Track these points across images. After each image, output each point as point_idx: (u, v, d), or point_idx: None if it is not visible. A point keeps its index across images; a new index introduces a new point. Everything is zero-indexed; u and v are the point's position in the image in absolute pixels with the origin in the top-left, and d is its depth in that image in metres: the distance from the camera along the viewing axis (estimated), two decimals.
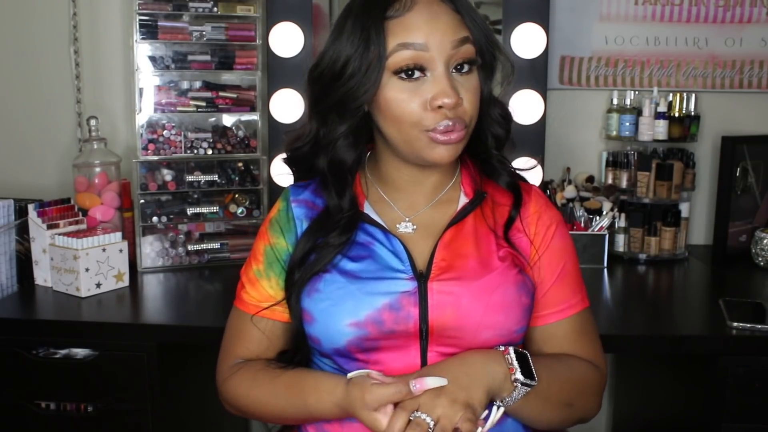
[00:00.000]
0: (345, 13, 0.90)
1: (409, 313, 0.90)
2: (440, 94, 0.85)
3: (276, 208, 1.01)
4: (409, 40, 0.85)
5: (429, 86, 0.86)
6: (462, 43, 0.87)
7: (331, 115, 0.91)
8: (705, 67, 1.87)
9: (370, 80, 0.86)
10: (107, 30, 1.84)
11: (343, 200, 0.94)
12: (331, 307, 0.91)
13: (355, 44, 0.86)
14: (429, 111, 0.86)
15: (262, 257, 0.99)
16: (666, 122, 1.75)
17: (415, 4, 0.86)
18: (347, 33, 0.87)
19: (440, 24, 0.86)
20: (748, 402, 1.26)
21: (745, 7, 1.84)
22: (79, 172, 1.63)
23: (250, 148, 1.73)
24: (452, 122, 0.86)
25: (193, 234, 1.72)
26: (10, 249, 1.52)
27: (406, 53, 0.85)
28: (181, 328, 1.32)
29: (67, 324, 1.34)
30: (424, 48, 0.85)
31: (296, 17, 1.67)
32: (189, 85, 1.69)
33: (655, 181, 1.75)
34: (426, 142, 0.88)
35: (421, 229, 0.97)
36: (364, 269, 0.92)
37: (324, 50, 0.91)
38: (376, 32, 0.85)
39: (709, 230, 1.87)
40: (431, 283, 0.91)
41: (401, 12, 0.86)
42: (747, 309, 1.35)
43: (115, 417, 1.33)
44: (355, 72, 0.86)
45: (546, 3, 1.69)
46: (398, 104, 0.87)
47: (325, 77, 0.89)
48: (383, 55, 0.85)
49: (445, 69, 0.86)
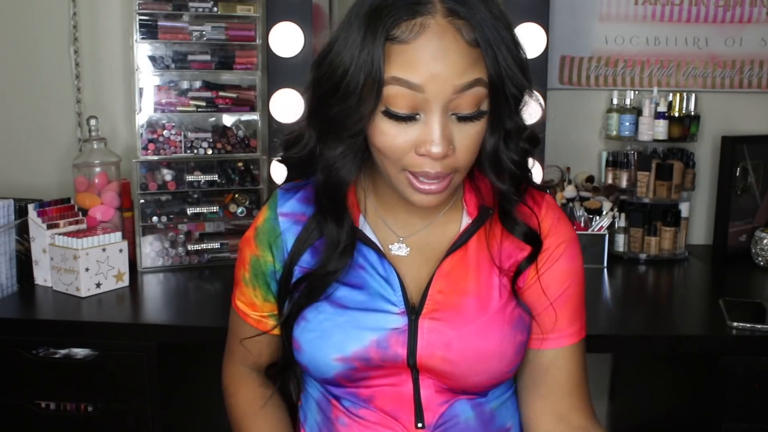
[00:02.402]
0: (355, 9, 0.78)
1: (397, 352, 0.85)
2: (427, 142, 0.75)
3: (262, 217, 0.95)
4: (405, 77, 0.73)
5: (419, 128, 0.76)
6: (469, 86, 0.74)
7: (330, 132, 0.82)
8: (705, 67, 1.87)
9: (365, 108, 0.76)
10: (107, 30, 1.84)
11: (342, 231, 0.86)
12: (318, 339, 0.86)
13: (355, 57, 0.75)
14: (413, 153, 0.77)
15: (248, 266, 0.94)
16: (666, 122, 1.75)
17: (424, 31, 0.73)
18: (351, 37, 0.76)
19: (446, 63, 0.73)
20: (748, 402, 1.26)
21: (745, 7, 1.84)
22: (79, 172, 1.63)
23: (250, 148, 1.73)
24: (434, 172, 0.77)
25: (193, 234, 1.72)
26: (10, 249, 1.52)
27: (400, 92, 0.74)
28: (181, 328, 1.32)
29: (67, 324, 1.34)
30: (420, 89, 0.73)
31: (296, 17, 1.67)
32: (189, 84, 1.69)
33: (655, 181, 1.75)
34: (406, 184, 0.80)
35: (415, 251, 0.90)
36: (354, 298, 0.87)
37: (329, 44, 0.80)
38: (376, 53, 0.73)
39: (709, 230, 1.88)
40: (423, 320, 0.85)
41: (407, 37, 0.73)
42: (747, 309, 1.35)
43: (115, 417, 1.33)
44: (352, 92, 0.76)
45: (546, 3, 1.69)
46: (383, 138, 0.77)
47: (325, 84, 0.79)
48: (380, 80, 0.74)
49: (441, 114, 0.75)
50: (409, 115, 0.75)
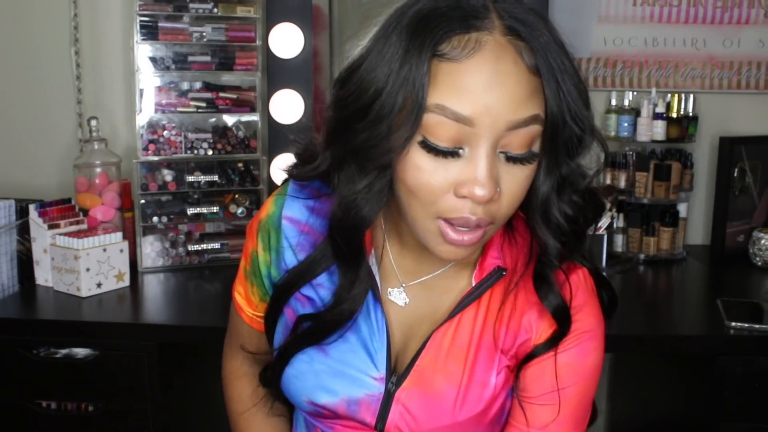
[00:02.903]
0: (397, 15, 0.67)
1: (365, 419, 0.78)
2: (471, 182, 0.63)
3: (266, 211, 0.84)
4: (452, 107, 0.62)
5: (462, 165, 0.64)
6: (525, 124, 0.63)
7: (352, 163, 0.69)
8: (703, 67, 1.88)
9: (399, 137, 0.64)
10: (108, 31, 1.84)
11: (354, 291, 0.75)
12: (294, 378, 0.80)
13: (393, 73, 0.63)
14: (451, 195, 0.65)
15: (249, 259, 0.87)
16: (664, 123, 1.75)
17: (480, 50, 0.62)
18: (390, 50, 0.64)
19: (503, 93, 0.62)
20: (746, 401, 1.26)
21: (743, 9, 1.84)
22: (80, 172, 1.64)
23: (250, 148, 1.73)
24: (475, 218, 0.65)
25: (193, 234, 1.72)
26: (11, 249, 1.52)
27: (443, 123, 0.62)
28: (181, 328, 1.32)
29: (67, 324, 1.34)
30: (469, 122, 0.62)
31: (296, 18, 1.67)
32: (189, 85, 1.69)
33: (654, 182, 1.76)
34: (434, 232, 0.68)
35: (413, 305, 0.79)
36: (337, 344, 0.79)
37: (360, 58, 0.68)
38: (418, 71, 0.62)
39: (707, 230, 1.88)
40: (401, 392, 0.77)
41: (458, 54, 0.62)
42: (745, 309, 1.35)
43: (115, 417, 1.33)
44: (385, 115, 0.64)
45: (545, 4, 1.69)
46: (418, 174, 0.65)
47: (351, 105, 0.67)
48: (421, 104, 0.62)
49: (490, 151, 0.63)
50: (452, 150, 0.64)
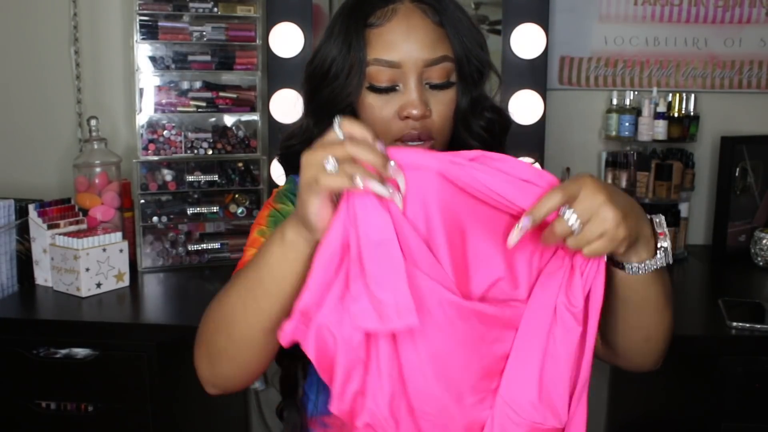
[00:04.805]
0: (338, 13, 0.92)
1: None
2: (408, 105, 0.86)
3: (280, 188, 0.96)
4: (384, 57, 0.86)
5: (399, 96, 0.87)
6: (438, 62, 0.87)
7: (324, 114, 0.90)
8: (704, 67, 1.88)
9: (351, 84, 0.87)
10: (108, 30, 1.84)
11: None
12: None
13: (339, 47, 0.87)
14: (397, 120, 0.87)
15: (266, 220, 0.92)
16: (665, 122, 1.75)
17: (395, 15, 0.86)
18: (335, 34, 0.89)
19: (416, 40, 0.86)
20: (747, 401, 1.26)
21: (745, 8, 1.84)
22: (80, 172, 1.63)
23: (250, 148, 1.73)
24: (418, 132, 0.87)
25: (193, 234, 1.72)
26: (11, 249, 1.52)
27: (380, 70, 0.86)
28: (181, 328, 1.32)
29: (67, 324, 1.34)
30: (397, 65, 0.86)
31: (296, 17, 1.67)
32: (189, 85, 1.69)
33: (655, 182, 1.75)
34: None
35: None
36: None
37: (317, 47, 0.93)
38: (357, 39, 0.86)
39: (709, 230, 1.88)
40: None
41: (381, 21, 0.86)
42: (746, 309, 1.35)
43: (115, 417, 1.33)
44: (339, 73, 0.87)
45: (546, 3, 1.69)
46: (372, 111, 0.88)
47: (316, 75, 0.91)
48: (363, 61, 0.86)
49: (416, 83, 0.86)
50: (389, 87, 0.87)
